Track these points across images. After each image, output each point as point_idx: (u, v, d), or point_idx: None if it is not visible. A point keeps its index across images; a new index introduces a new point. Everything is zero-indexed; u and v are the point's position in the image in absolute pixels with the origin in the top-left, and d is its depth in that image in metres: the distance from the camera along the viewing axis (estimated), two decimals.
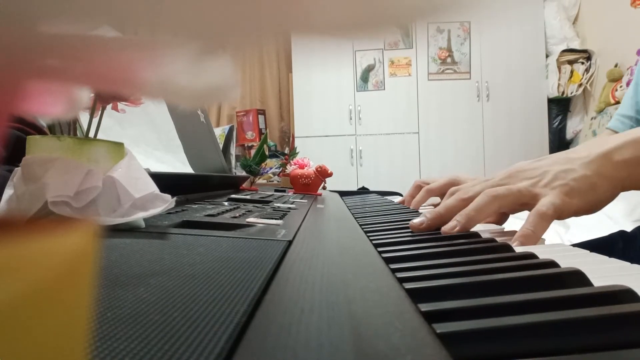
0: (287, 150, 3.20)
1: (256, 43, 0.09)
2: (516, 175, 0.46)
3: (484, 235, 0.40)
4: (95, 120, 0.37)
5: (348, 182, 2.90)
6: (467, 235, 0.41)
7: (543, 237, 0.41)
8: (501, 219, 0.52)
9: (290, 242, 0.32)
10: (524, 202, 0.43)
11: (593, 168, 0.42)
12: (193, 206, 0.55)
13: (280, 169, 1.12)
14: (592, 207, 0.42)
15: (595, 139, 0.46)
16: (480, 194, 0.44)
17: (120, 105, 0.41)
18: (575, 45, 2.92)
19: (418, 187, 0.80)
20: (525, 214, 0.43)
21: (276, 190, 1.17)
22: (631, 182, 0.41)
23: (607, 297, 0.20)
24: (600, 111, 2.68)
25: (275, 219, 0.45)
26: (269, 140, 3.15)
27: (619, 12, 2.57)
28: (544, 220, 0.39)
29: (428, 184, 0.78)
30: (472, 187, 0.47)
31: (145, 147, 0.72)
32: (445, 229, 0.43)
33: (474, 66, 3.01)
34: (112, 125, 0.62)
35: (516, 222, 0.47)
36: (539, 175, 0.44)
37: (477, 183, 0.48)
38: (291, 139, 3.15)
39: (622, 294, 0.20)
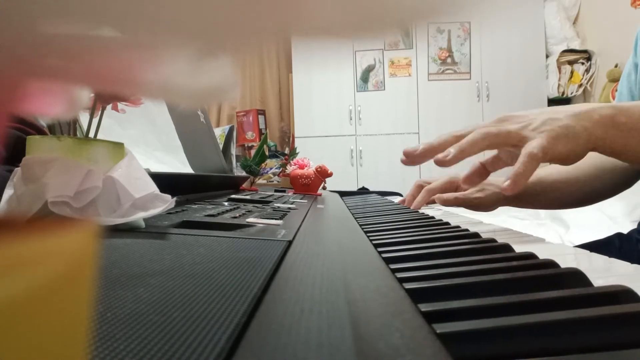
0: (287, 151, 3.20)
1: (256, 44, 0.09)
2: (506, 119, 0.49)
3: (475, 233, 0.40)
4: (95, 120, 0.37)
5: (348, 182, 2.90)
6: (467, 235, 0.41)
7: (543, 237, 0.42)
8: (486, 174, 0.54)
9: (290, 242, 0.32)
10: (513, 143, 0.46)
11: (577, 120, 0.45)
12: (193, 206, 0.55)
13: (280, 169, 1.12)
14: (570, 156, 0.45)
15: (586, 103, 0.50)
16: (473, 132, 0.47)
17: (120, 105, 0.41)
18: (575, 45, 2.92)
19: (419, 187, 0.80)
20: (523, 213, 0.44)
21: (276, 191, 1.17)
22: (604, 142, 0.45)
23: (607, 297, 0.20)
24: None
25: (275, 219, 0.45)
26: (269, 140, 3.15)
27: (619, 12, 2.57)
28: (534, 160, 0.42)
29: (429, 183, 0.78)
30: (465, 128, 0.51)
31: (145, 147, 0.72)
32: (439, 156, 0.46)
33: (474, 66, 3.01)
34: (112, 125, 0.62)
35: (514, 221, 0.48)
36: (528, 120, 0.47)
37: (469, 126, 0.51)
38: (291, 139, 3.15)
39: (622, 294, 0.20)
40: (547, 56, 2.98)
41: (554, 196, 0.69)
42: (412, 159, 0.48)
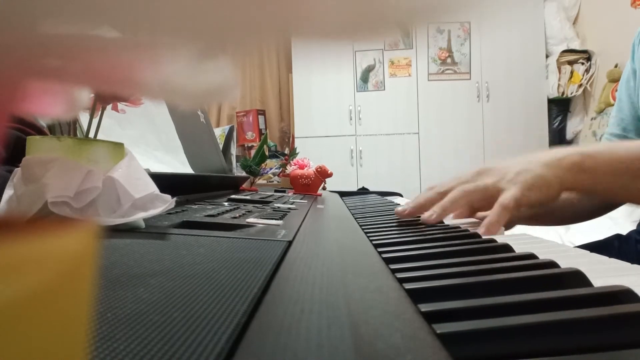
0: (287, 151, 3.20)
1: (257, 44, 0.09)
2: (485, 172, 0.54)
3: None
4: (95, 120, 0.37)
5: (348, 182, 2.90)
6: (467, 235, 0.41)
7: (543, 237, 0.42)
8: (472, 213, 0.59)
9: (290, 243, 0.32)
10: (490, 195, 0.51)
11: (548, 169, 0.51)
12: (193, 206, 0.55)
13: (280, 169, 1.12)
14: (543, 201, 0.50)
15: (557, 149, 0.55)
16: (453, 190, 0.53)
17: (120, 105, 0.41)
18: (575, 45, 2.92)
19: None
20: None
21: (276, 191, 1.17)
22: (576, 186, 0.51)
23: (607, 297, 0.20)
24: (600, 112, 2.68)
25: (275, 219, 0.45)
26: (269, 140, 3.14)
27: (619, 12, 2.57)
28: (506, 211, 0.47)
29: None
30: (448, 183, 0.56)
31: (145, 147, 0.72)
32: (424, 216, 0.51)
33: (474, 66, 3.01)
34: (112, 125, 0.62)
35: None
36: (504, 173, 0.52)
37: (452, 180, 0.57)
38: (291, 139, 3.15)
39: (622, 294, 0.20)
40: (547, 56, 2.98)
41: (568, 212, 0.71)
42: (402, 217, 0.55)
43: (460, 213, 0.58)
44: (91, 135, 0.37)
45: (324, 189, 1.08)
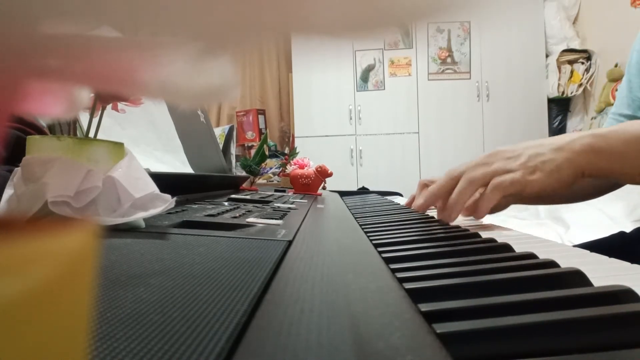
0: (287, 150, 3.20)
1: (256, 43, 0.09)
2: (495, 155, 0.54)
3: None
4: (95, 120, 0.37)
5: (348, 182, 2.90)
6: (467, 235, 0.41)
7: (543, 237, 0.42)
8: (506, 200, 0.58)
9: (290, 242, 0.32)
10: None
11: (559, 153, 0.49)
12: (193, 206, 0.55)
13: (280, 169, 1.12)
14: (555, 186, 0.49)
15: (569, 133, 0.54)
16: (461, 180, 0.52)
17: (120, 105, 0.41)
18: (575, 45, 2.92)
19: (424, 186, 0.79)
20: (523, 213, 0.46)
21: (276, 190, 1.17)
22: (590, 169, 0.48)
23: (607, 297, 0.20)
24: (600, 111, 2.68)
25: (275, 219, 0.45)
26: (269, 140, 3.14)
27: (619, 12, 2.57)
28: (498, 190, 0.47)
29: (434, 182, 0.77)
30: (459, 167, 0.55)
31: (145, 147, 0.72)
32: (438, 216, 0.52)
33: (474, 66, 3.01)
34: (112, 125, 0.62)
35: (514, 221, 0.48)
36: (514, 156, 0.51)
37: (463, 165, 0.56)
38: (291, 139, 3.15)
39: (622, 294, 0.20)
40: (547, 56, 2.98)
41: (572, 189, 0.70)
42: (421, 209, 0.56)
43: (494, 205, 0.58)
44: (91, 135, 0.37)
45: (324, 188, 1.08)
